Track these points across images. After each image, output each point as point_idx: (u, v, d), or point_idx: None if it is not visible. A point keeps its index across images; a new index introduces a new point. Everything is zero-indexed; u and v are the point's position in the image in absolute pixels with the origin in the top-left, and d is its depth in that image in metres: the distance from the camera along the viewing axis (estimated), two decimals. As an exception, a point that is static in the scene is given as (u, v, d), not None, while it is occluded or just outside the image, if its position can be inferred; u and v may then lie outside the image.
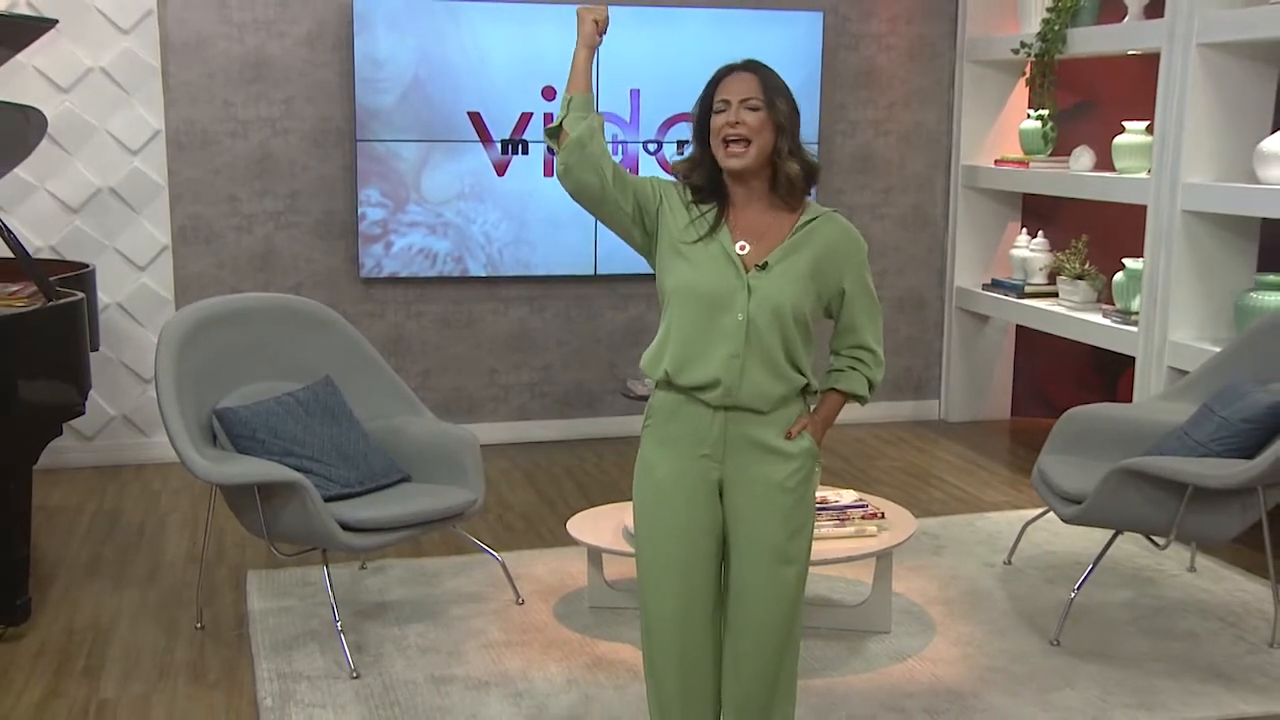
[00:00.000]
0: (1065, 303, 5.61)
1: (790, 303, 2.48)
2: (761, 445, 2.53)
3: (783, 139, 2.49)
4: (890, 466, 5.60)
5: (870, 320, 2.60)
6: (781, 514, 2.54)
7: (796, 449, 2.55)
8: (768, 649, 2.60)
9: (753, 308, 2.47)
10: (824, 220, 2.55)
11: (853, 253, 2.56)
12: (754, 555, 2.56)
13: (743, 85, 2.49)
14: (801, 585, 2.61)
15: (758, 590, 2.57)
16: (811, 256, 2.51)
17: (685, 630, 2.60)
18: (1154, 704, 3.33)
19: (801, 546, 2.59)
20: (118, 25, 5.19)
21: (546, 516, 4.84)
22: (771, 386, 2.50)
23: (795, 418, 2.55)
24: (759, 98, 2.47)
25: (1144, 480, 3.56)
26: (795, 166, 2.50)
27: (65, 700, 3.31)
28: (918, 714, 3.27)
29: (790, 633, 2.62)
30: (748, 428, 2.52)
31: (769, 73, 2.53)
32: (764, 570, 2.56)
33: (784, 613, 2.59)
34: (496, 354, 5.86)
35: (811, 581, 4.04)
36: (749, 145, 2.47)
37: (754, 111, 2.47)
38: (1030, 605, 3.98)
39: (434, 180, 5.56)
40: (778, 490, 2.54)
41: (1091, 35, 5.38)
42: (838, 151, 6.13)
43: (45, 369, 3.70)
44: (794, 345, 2.51)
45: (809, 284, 2.51)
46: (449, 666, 3.53)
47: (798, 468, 2.54)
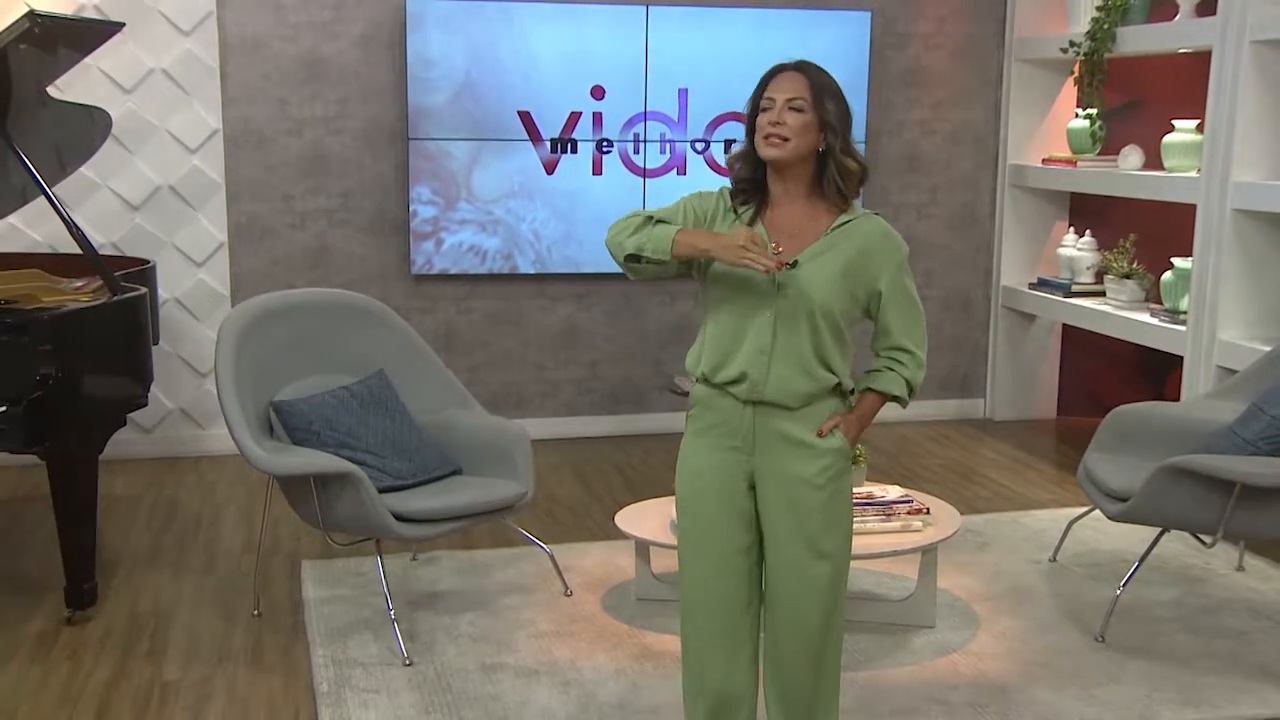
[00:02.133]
0: (1113, 302, 5.60)
1: (819, 301, 2.51)
2: (791, 440, 2.56)
3: (832, 137, 2.52)
4: (935, 464, 5.62)
5: (908, 322, 2.60)
6: (811, 509, 2.57)
7: (826, 446, 2.57)
8: (805, 645, 2.64)
9: (780, 305, 2.52)
10: (861, 221, 2.58)
11: (889, 254, 2.57)
12: (785, 550, 2.60)
13: (790, 85, 2.53)
14: (838, 582, 2.62)
15: (790, 585, 2.61)
16: (845, 256, 2.54)
17: (718, 617, 2.65)
18: (1200, 700, 3.34)
19: (835, 543, 2.60)
20: (179, 27, 5.31)
21: (594, 510, 4.91)
22: (799, 383, 2.54)
23: (828, 415, 2.58)
24: (805, 98, 2.51)
25: (1191, 478, 3.56)
26: (852, 164, 2.55)
27: (131, 681, 3.42)
28: (962, 707, 3.30)
29: (828, 629, 2.64)
30: (777, 422, 2.56)
31: (819, 73, 2.56)
32: (795, 565, 2.60)
33: (818, 608, 2.61)
34: (545, 350, 5.94)
35: (856, 576, 4.10)
36: (787, 142, 2.51)
37: (798, 113, 2.51)
38: (1075, 602, 3.99)
39: (484, 178, 5.64)
40: (807, 486, 2.57)
41: (1142, 33, 5.37)
42: (884, 151, 6.15)
43: (111, 361, 3.81)
44: (823, 343, 2.53)
45: (840, 283, 2.53)
46: (499, 655, 3.60)
47: (827, 465, 2.57)
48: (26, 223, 5.20)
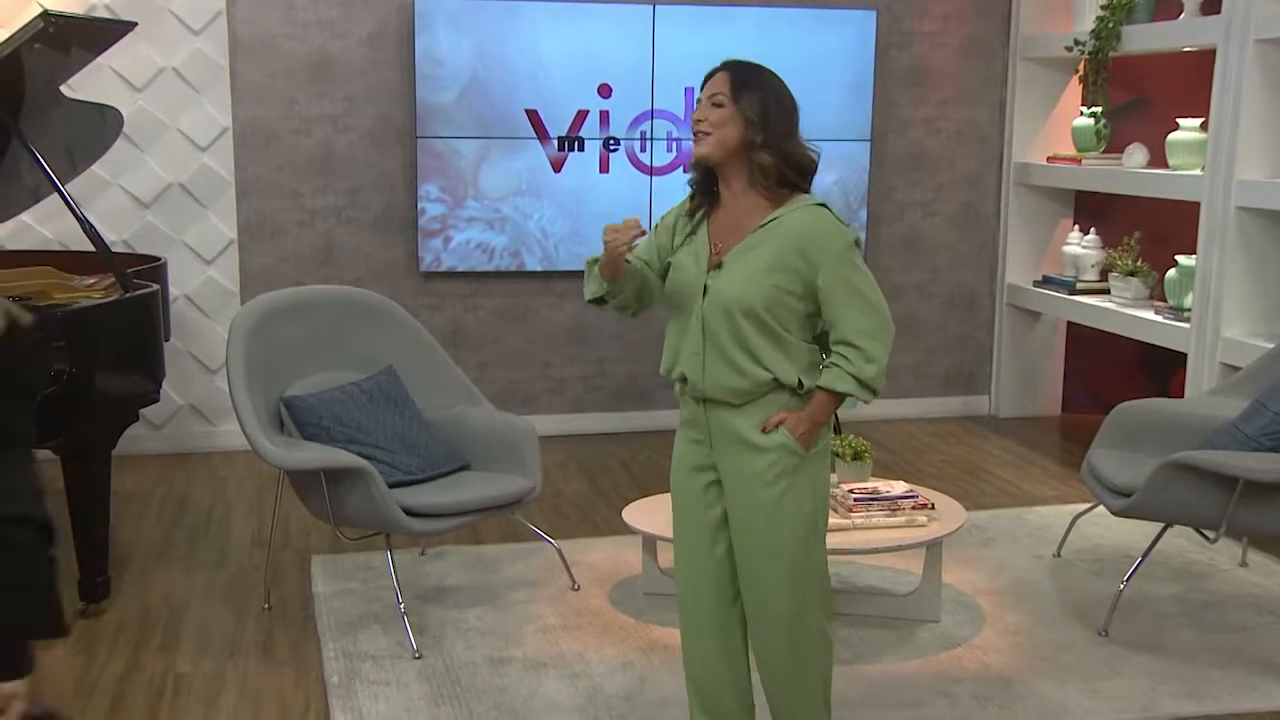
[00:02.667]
0: (1117, 299, 5.62)
1: (738, 300, 2.52)
2: (738, 437, 2.60)
3: (753, 131, 2.53)
4: (940, 460, 5.64)
5: (855, 315, 2.54)
6: (762, 505, 2.60)
7: (770, 443, 2.58)
8: (777, 643, 2.68)
9: (705, 306, 2.56)
10: (794, 215, 2.55)
11: (824, 246, 2.52)
12: (742, 546, 2.65)
13: (713, 83, 2.58)
14: (802, 582, 2.63)
15: (750, 580, 2.66)
16: (772, 253, 2.53)
17: (704, 606, 2.73)
18: (1203, 694, 3.37)
19: (789, 539, 2.60)
20: (189, 26, 5.35)
21: (600, 506, 4.94)
22: (733, 381, 2.57)
23: (773, 411, 2.58)
24: (725, 93, 2.54)
25: (1195, 474, 3.59)
26: (766, 158, 2.53)
27: (145, 673, 3.46)
28: (966, 700, 3.33)
29: (797, 623, 2.65)
30: (725, 418, 2.61)
31: (745, 71, 2.58)
32: (754, 562, 2.64)
33: (781, 602, 2.63)
34: (552, 347, 5.97)
35: (862, 571, 4.14)
36: (708, 136, 2.55)
37: (718, 108, 2.54)
38: (1079, 597, 4.02)
39: (492, 176, 5.68)
40: (757, 482, 2.60)
41: (1146, 32, 5.39)
42: (890, 149, 6.18)
43: (123, 357, 3.85)
44: (749, 341, 2.54)
45: (767, 279, 2.52)
46: (507, 648, 3.64)
47: (773, 461, 2.58)
48: (39, 220, 5.24)
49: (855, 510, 3.76)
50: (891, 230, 6.28)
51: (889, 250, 6.29)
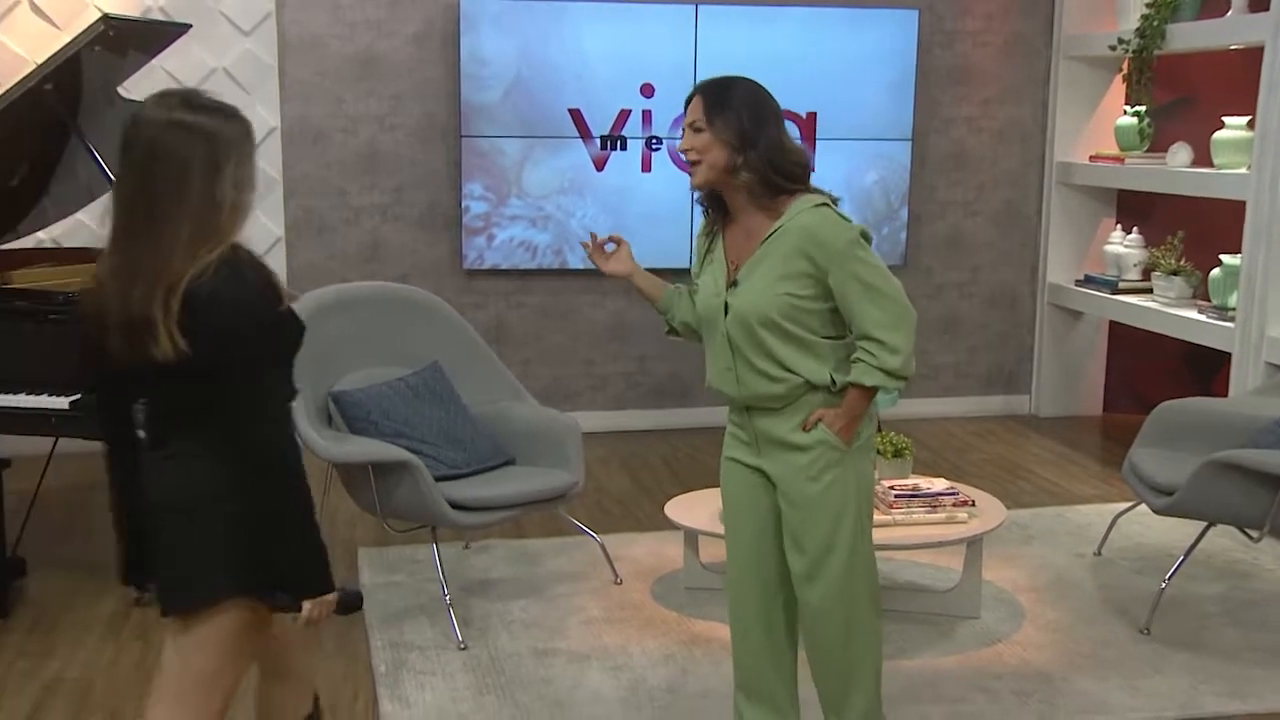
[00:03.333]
0: (1160, 299, 5.60)
1: (756, 314, 2.58)
2: (779, 440, 2.66)
3: (732, 154, 2.55)
4: (980, 459, 5.65)
5: (871, 309, 2.55)
6: (809, 501, 2.65)
7: (810, 440, 2.63)
8: (829, 637, 2.73)
9: (729, 323, 2.63)
10: (795, 220, 2.57)
11: (828, 244, 2.54)
12: (793, 544, 2.70)
13: (691, 109, 2.61)
14: (853, 572, 2.68)
15: (802, 580, 2.71)
16: (780, 260, 2.57)
17: (751, 601, 2.79)
18: (1246, 693, 3.37)
19: (841, 535, 2.66)
20: (239, 27, 5.45)
21: (642, 502, 4.99)
22: (768, 388, 2.63)
23: (811, 410, 2.63)
24: (701, 119, 2.57)
25: (1238, 473, 3.58)
26: (748, 176, 2.56)
27: (197, 660, 3.54)
28: (1006, 695, 3.35)
29: (850, 621, 2.71)
30: (767, 423, 2.68)
31: (715, 91, 2.60)
32: (805, 558, 2.69)
33: (834, 600, 2.68)
34: (594, 344, 6.03)
35: (902, 568, 4.16)
36: (698, 164, 2.58)
37: (698, 133, 2.57)
38: (1120, 595, 4.03)
39: (535, 175, 5.74)
40: (802, 479, 2.65)
41: (1192, 30, 5.37)
42: (931, 148, 6.19)
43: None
44: (774, 351, 2.60)
45: (780, 288, 2.56)
46: (551, 640, 3.69)
47: (815, 457, 2.64)
48: (92, 218, 5.34)
49: (896, 506, 3.78)
50: (933, 229, 6.29)
51: (930, 249, 6.30)
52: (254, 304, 2.05)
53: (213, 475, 2.10)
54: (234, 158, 2.05)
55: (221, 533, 2.11)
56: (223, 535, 2.12)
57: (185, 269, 2.00)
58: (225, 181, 2.04)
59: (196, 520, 2.12)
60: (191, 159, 2.01)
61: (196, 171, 2.01)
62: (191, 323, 1.99)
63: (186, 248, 2.00)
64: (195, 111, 2.05)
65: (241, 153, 2.07)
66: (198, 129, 2.03)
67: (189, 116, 2.04)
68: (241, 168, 2.07)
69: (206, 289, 2.00)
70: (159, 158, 2.01)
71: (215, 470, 2.10)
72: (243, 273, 2.04)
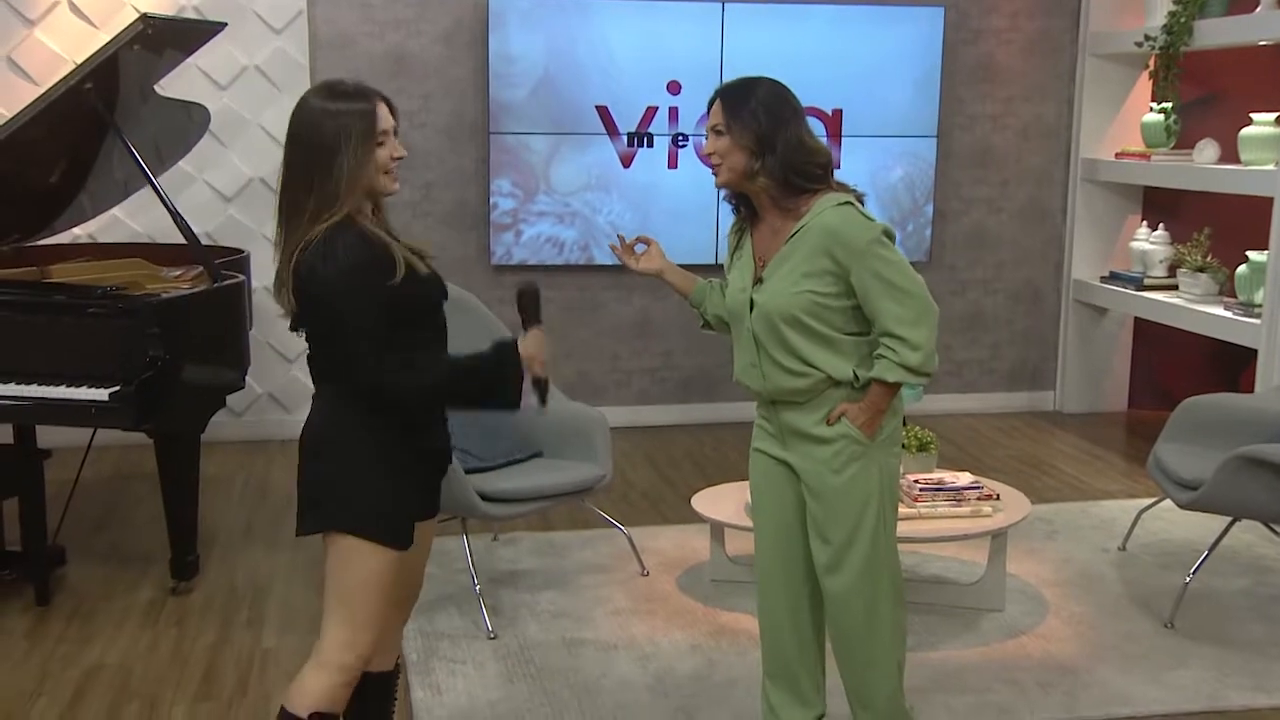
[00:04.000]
0: (1185, 295, 5.61)
1: (780, 311, 2.62)
2: (804, 434, 2.71)
3: (751, 158, 2.60)
4: (1005, 455, 5.67)
5: (891, 305, 2.58)
6: (834, 495, 2.69)
7: (834, 433, 2.67)
8: (852, 627, 2.76)
9: (754, 320, 2.68)
10: (821, 217, 2.60)
11: (849, 242, 2.57)
12: (817, 536, 2.74)
13: (713, 112, 2.65)
14: (875, 564, 2.72)
15: (826, 570, 2.75)
16: (803, 258, 2.61)
17: (779, 592, 2.84)
18: (1271, 687, 3.39)
19: (863, 527, 2.70)
20: (271, 26, 5.52)
21: (668, 495, 5.04)
22: (792, 383, 2.67)
23: (834, 404, 2.67)
24: (721, 123, 2.62)
25: (1263, 468, 3.60)
26: (767, 180, 2.60)
27: (233, 646, 3.61)
28: (1031, 687, 3.38)
29: (872, 611, 2.74)
30: (792, 417, 2.72)
31: (734, 95, 2.63)
32: (828, 549, 2.73)
33: (856, 591, 2.72)
34: (620, 340, 6.07)
35: (927, 561, 4.19)
36: (719, 167, 2.63)
37: (719, 136, 2.62)
38: (1144, 589, 4.05)
39: (562, 172, 5.79)
40: (826, 471, 2.69)
41: (1220, 26, 5.37)
42: (956, 145, 6.21)
43: (213, 345, 4.01)
44: (798, 347, 2.63)
45: (804, 286, 2.60)
46: (579, 630, 3.74)
47: (838, 450, 2.68)
48: (128, 214, 5.43)
49: (920, 500, 3.81)
50: (958, 226, 6.31)
51: (955, 246, 6.32)
52: (334, 278, 2.25)
53: (334, 420, 2.38)
54: (354, 138, 2.27)
55: (335, 475, 2.36)
56: (336, 477, 2.36)
57: (304, 237, 2.28)
58: (344, 159, 2.26)
59: (321, 458, 2.39)
60: (315, 140, 2.28)
61: (318, 151, 2.27)
62: (295, 287, 2.30)
63: (310, 218, 2.28)
64: (325, 98, 2.32)
65: (361, 133, 2.28)
66: (323, 113, 2.29)
67: (319, 103, 2.31)
68: (361, 147, 2.28)
69: (305, 260, 2.27)
70: (293, 139, 2.32)
71: (336, 417, 2.37)
72: (335, 249, 2.25)
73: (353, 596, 2.40)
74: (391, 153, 2.36)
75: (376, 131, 2.31)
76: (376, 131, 2.31)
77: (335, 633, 2.42)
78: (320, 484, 2.40)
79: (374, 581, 2.39)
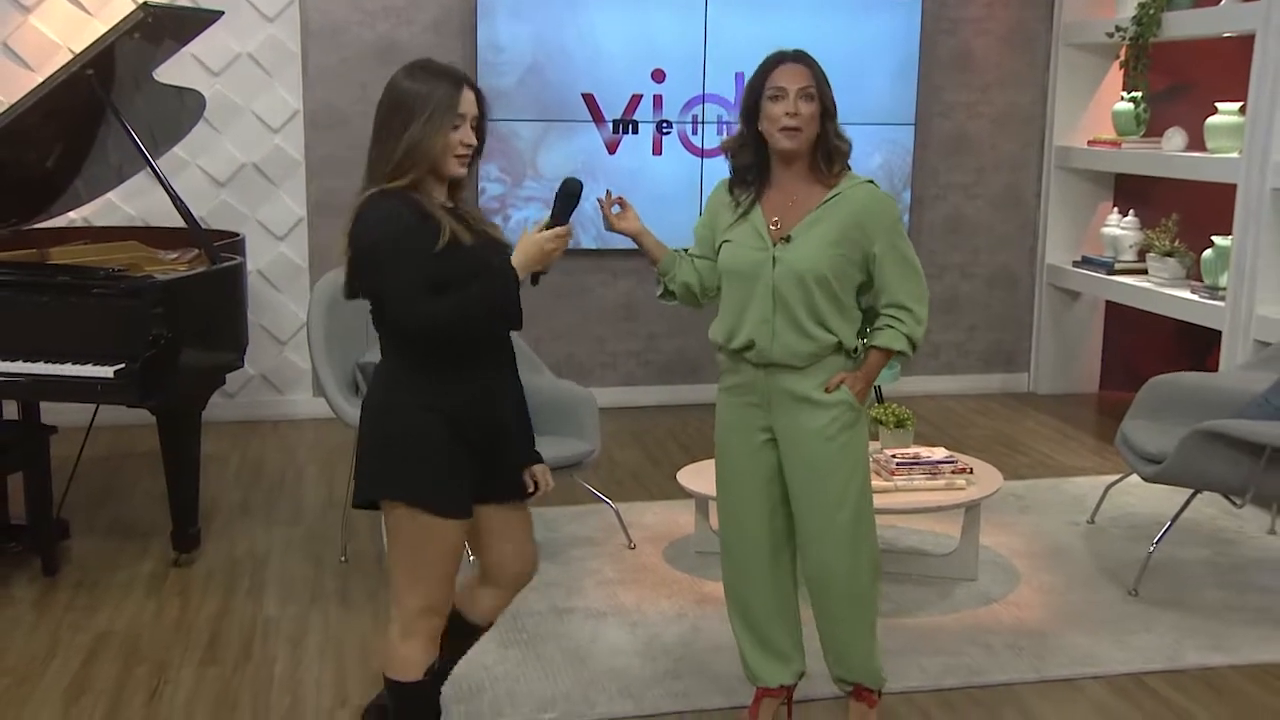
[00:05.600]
0: (1154, 279, 5.78)
1: (810, 269, 2.74)
2: (800, 397, 2.81)
3: (830, 123, 2.76)
4: (980, 434, 5.83)
5: (904, 280, 2.78)
6: (826, 460, 2.81)
7: (833, 400, 2.80)
8: (836, 593, 2.90)
9: (777, 276, 2.76)
10: (852, 190, 2.78)
11: (880, 217, 2.76)
12: (805, 501, 2.86)
13: (797, 75, 2.75)
14: (858, 530, 2.85)
15: (813, 535, 2.88)
16: (838, 224, 2.75)
17: (751, 559, 2.95)
18: (1226, 647, 3.57)
19: (851, 492, 2.83)
20: (264, 14, 5.63)
21: (653, 473, 5.18)
22: (801, 345, 2.78)
23: (834, 372, 2.81)
24: (812, 87, 2.74)
25: (1223, 441, 3.76)
26: (844, 145, 2.78)
27: (236, 615, 3.74)
28: (1001, 649, 3.55)
29: (854, 576, 2.88)
30: (786, 382, 2.82)
31: (816, 63, 2.79)
32: (817, 516, 2.85)
33: (843, 556, 2.86)
34: (604, 322, 6.21)
35: (903, 534, 4.35)
36: (801, 132, 2.73)
37: (809, 101, 2.73)
38: (1111, 560, 4.22)
39: (549, 157, 5.92)
40: (818, 438, 2.81)
41: (1187, 18, 5.54)
42: (933, 133, 6.36)
43: (213, 324, 4.13)
44: (818, 307, 2.76)
45: (834, 250, 2.74)
46: (569, 600, 3.88)
47: (835, 416, 2.80)
48: (122, 198, 5.53)
49: (897, 474, 3.97)
50: (935, 212, 6.47)
51: (932, 231, 6.48)
52: (372, 228, 2.40)
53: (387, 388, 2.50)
54: (426, 112, 2.43)
55: (385, 444, 2.48)
56: (385, 446, 2.48)
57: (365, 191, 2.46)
58: (415, 128, 2.42)
59: (373, 427, 2.51)
60: (395, 103, 2.46)
61: (395, 113, 2.45)
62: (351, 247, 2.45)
63: (372, 177, 2.46)
64: (407, 75, 2.49)
65: (440, 109, 2.43)
66: (402, 89, 2.46)
67: (401, 79, 2.48)
68: (435, 121, 2.43)
69: (358, 208, 2.44)
70: (380, 103, 2.49)
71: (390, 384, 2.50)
72: (384, 203, 2.40)
73: (413, 563, 2.51)
74: (463, 138, 2.47)
75: (455, 113, 2.45)
76: (455, 113, 2.45)
77: (406, 600, 2.54)
78: (372, 453, 2.51)
79: (430, 548, 2.49)
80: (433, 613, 2.56)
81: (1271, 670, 3.45)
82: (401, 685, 2.59)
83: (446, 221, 2.44)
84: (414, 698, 2.61)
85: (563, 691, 3.29)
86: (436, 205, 2.48)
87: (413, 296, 2.39)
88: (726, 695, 3.26)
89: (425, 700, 2.66)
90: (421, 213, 2.44)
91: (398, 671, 2.58)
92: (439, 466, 2.48)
